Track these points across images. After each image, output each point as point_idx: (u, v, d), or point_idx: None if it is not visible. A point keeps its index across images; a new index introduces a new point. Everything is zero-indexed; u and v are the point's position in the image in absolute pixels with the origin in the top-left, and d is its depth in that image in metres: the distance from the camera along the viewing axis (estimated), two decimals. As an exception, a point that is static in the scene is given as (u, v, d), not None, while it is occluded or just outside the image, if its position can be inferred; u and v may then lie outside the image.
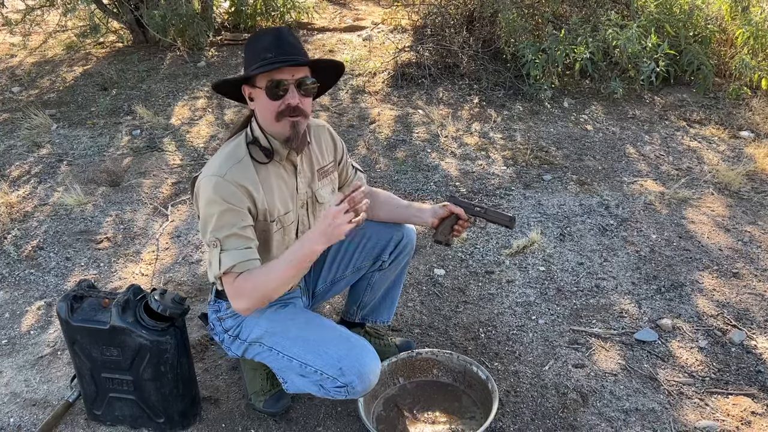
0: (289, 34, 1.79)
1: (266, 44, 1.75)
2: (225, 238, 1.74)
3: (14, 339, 2.54)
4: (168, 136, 4.28)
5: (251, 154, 1.82)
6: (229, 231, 1.74)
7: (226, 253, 1.74)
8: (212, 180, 1.75)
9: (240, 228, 1.76)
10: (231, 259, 1.74)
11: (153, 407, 2.05)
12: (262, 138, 1.83)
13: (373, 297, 2.26)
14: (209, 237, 1.75)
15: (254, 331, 1.93)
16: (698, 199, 3.40)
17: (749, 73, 4.40)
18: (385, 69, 5.13)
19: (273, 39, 1.76)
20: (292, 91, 1.75)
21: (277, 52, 1.74)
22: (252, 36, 1.82)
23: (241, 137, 1.85)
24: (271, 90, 1.74)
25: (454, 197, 2.09)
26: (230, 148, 1.82)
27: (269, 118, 1.78)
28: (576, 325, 2.55)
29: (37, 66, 5.80)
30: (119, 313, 1.93)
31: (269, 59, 1.73)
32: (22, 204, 3.52)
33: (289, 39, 1.78)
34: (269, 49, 1.74)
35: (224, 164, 1.77)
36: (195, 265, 2.96)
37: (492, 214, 2.05)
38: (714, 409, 2.16)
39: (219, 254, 1.74)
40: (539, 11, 4.90)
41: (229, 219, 1.74)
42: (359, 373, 1.80)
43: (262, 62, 1.73)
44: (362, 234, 2.15)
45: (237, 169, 1.77)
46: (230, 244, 1.75)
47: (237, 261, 1.74)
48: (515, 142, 4.06)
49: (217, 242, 1.74)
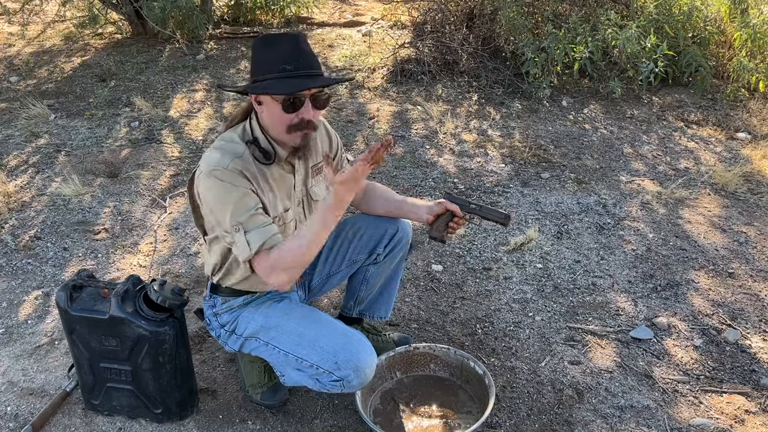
0: (305, 42, 1.76)
1: (284, 53, 1.71)
2: (246, 220, 1.73)
3: (11, 328, 2.54)
4: (166, 128, 4.28)
5: (250, 152, 1.80)
6: (248, 213, 1.73)
7: (252, 233, 1.73)
8: (216, 172, 1.74)
9: (256, 209, 1.75)
10: (259, 237, 1.73)
11: (151, 397, 2.05)
12: (263, 140, 1.81)
13: (369, 291, 2.26)
14: (230, 223, 1.73)
15: (250, 326, 1.94)
16: (695, 200, 3.42)
17: (747, 75, 4.43)
18: (385, 65, 5.13)
19: (291, 48, 1.72)
20: (308, 105, 1.73)
21: (296, 65, 1.70)
22: (265, 39, 1.77)
23: (237, 132, 1.83)
24: (288, 103, 1.71)
25: (450, 194, 2.10)
26: (228, 144, 1.80)
27: (280, 129, 1.76)
28: (572, 323, 2.56)
29: (36, 56, 5.77)
30: (118, 303, 1.93)
31: (288, 72, 1.69)
32: (19, 194, 3.51)
33: (307, 49, 1.75)
34: (288, 60, 1.70)
35: (224, 157, 1.76)
36: (193, 257, 2.96)
37: (487, 211, 2.06)
38: (708, 407, 2.18)
39: (245, 236, 1.73)
40: (539, 9, 4.91)
41: (245, 202, 1.73)
42: (355, 367, 1.80)
43: (282, 75, 1.69)
44: (357, 227, 2.16)
45: (238, 162, 1.76)
46: (252, 224, 1.73)
47: (266, 238, 1.73)
48: (514, 140, 4.07)
49: (239, 226, 1.73)
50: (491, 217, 2.06)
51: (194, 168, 1.86)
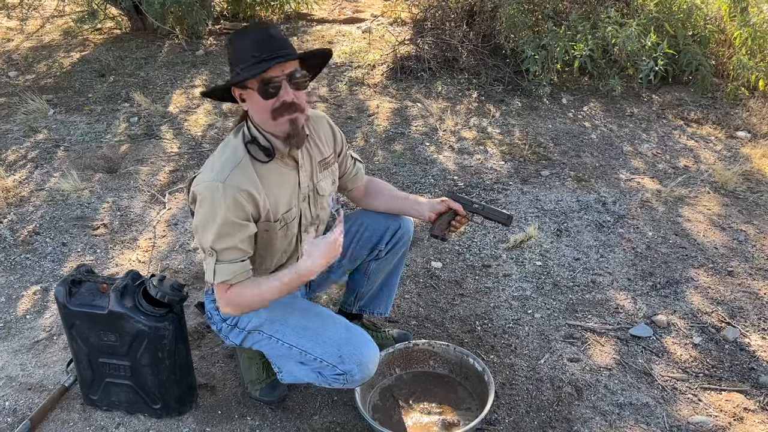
0: (273, 28, 1.74)
1: (251, 43, 1.70)
2: (222, 250, 1.74)
3: (10, 323, 2.54)
4: (165, 123, 4.27)
5: (251, 153, 1.78)
6: (228, 244, 1.74)
7: (222, 266, 1.75)
8: (213, 186, 1.72)
9: (239, 241, 1.75)
10: (226, 273, 1.75)
11: (150, 393, 2.05)
12: (261, 137, 1.80)
13: (370, 287, 2.26)
14: (207, 246, 1.75)
15: (254, 319, 1.94)
16: (694, 198, 3.42)
17: (747, 74, 4.42)
18: (384, 61, 5.12)
19: (258, 36, 1.71)
20: (285, 87, 1.70)
21: (263, 49, 1.69)
22: (236, 32, 1.76)
23: (238, 137, 1.81)
24: (263, 89, 1.69)
25: (452, 193, 2.10)
26: (229, 150, 1.79)
27: (265, 118, 1.74)
28: (572, 320, 2.56)
29: (34, 51, 5.76)
30: (118, 298, 1.93)
31: (257, 58, 1.68)
32: (18, 189, 3.50)
33: (276, 34, 1.73)
34: (255, 47, 1.69)
35: (225, 168, 1.74)
36: (192, 253, 2.95)
37: (490, 211, 2.06)
38: (707, 404, 2.18)
39: (214, 265, 1.75)
40: (539, 7, 4.90)
41: (228, 231, 1.73)
42: (359, 361, 1.80)
43: (251, 62, 1.69)
44: (359, 224, 2.16)
45: (237, 172, 1.74)
46: (227, 256, 1.75)
47: (232, 275, 1.76)
48: (513, 138, 4.06)
49: (214, 253, 1.74)
50: (494, 217, 2.06)
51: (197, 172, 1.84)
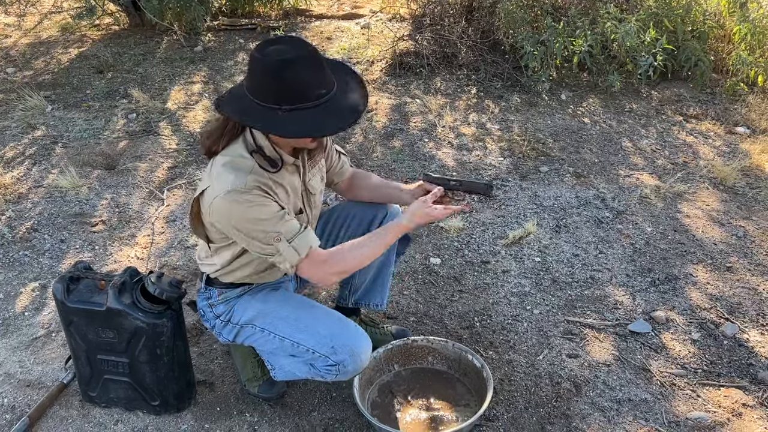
0: (320, 55, 1.66)
1: (308, 78, 1.62)
2: (285, 230, 1.73)
3: (8, 320, 2.53)
4: (164, 120, 4.25)
5: (258, 163, 1.75)
6: (281, 220, 1.72)
7: (296, 240, 1.73)
8: (235, 194, 1.69)
9: (287, 213, 1.75)
10: (306, 242, 1.75)
11: (148, 390, 2.05)
12: (268, 148, 1.77)
13: (363, 278, 2.25)
14: (268, 238, 1.71)
15: (246, 313, 1.94)
16: (693, 194, 3.41)
17: (746, 70, 4.42)
18: (383, 57, 5.11)
19: (312, 71, 1.62)
20: None
21: (328, 89, 1.65)
22: (275, 60, 1.60)
23: (238, 146, 1.77)
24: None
25: (428, 175, 2.07)
26: (237, 159, 1.75)
27: (290, 144, 1.77)
28: (570, 316, 2.56)
29: (32, 47, 5.74)
30: (116, 295, 1.92)
31: (326, 99, 1.63)
32: (16, 185, 3.50)
33: (326, 65, 1.67)
34: (319, 84, 1.63)
35: (239, 177, 1.71)
36: (190, 250, 2.95)
37: (468, 184, 2.03)
38: (705, 400, 2.18)
39: (289, 245, 1.72)
40: (538, 3, 4.89)
41: (276, 213, 1.72)
42: (351, 351, 1.81)
43: (318, 104, 1.63)
44: (347, 213, 2.16)
45: (252, 178, 1.72)
46: (290, 231, 1.73)
47: (312, 240, 1.77)
48: (512, 134, 4.06)
49: (279, 236, 1.72)
50: (473, 189, 2.03)
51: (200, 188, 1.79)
